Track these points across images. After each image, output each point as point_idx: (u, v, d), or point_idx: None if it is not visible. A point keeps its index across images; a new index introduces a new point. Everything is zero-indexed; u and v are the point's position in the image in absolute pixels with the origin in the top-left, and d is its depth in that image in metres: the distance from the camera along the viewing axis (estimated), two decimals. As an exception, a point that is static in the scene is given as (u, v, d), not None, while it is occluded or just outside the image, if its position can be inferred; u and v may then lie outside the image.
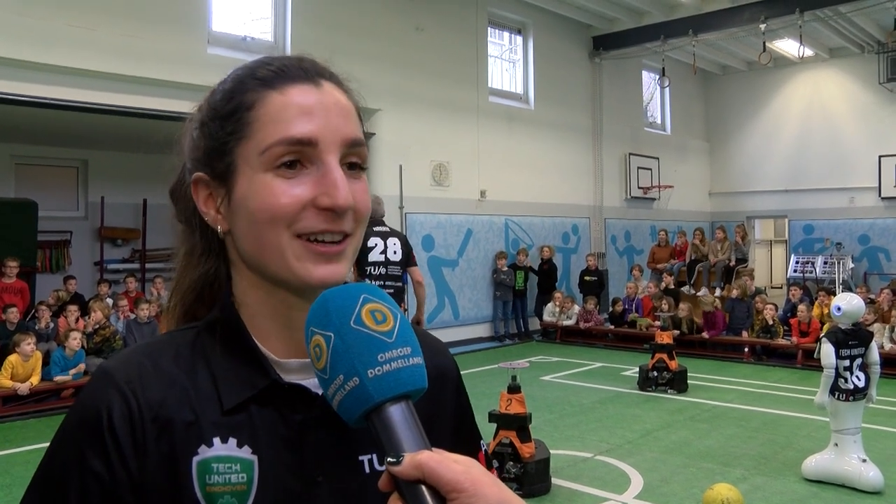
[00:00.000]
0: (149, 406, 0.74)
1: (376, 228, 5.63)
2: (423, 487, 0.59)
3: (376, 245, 5.62)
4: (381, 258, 5.64)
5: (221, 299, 0.83)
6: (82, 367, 7.68)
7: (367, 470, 0.80)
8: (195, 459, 0.74)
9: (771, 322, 10.21)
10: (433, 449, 0.61)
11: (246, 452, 0.75)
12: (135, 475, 0.73)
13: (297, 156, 0.76)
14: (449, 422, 0.89)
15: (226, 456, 0.75)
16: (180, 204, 0.87)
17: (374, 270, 5.61)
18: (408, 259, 5.90)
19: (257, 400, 0.77)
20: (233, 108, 0.78)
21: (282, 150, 0.75)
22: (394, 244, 5.74)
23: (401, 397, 0.63)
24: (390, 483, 0.61)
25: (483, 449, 0.93)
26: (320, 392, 0.77)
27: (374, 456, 0.80)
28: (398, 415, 0.63)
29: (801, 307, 10.11)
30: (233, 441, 0.75)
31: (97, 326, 8.24)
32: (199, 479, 0.73)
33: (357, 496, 0.78)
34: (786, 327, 10.32)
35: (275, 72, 0.79)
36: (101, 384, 0.75)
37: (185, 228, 0.87)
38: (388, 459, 0.61)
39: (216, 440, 0.75)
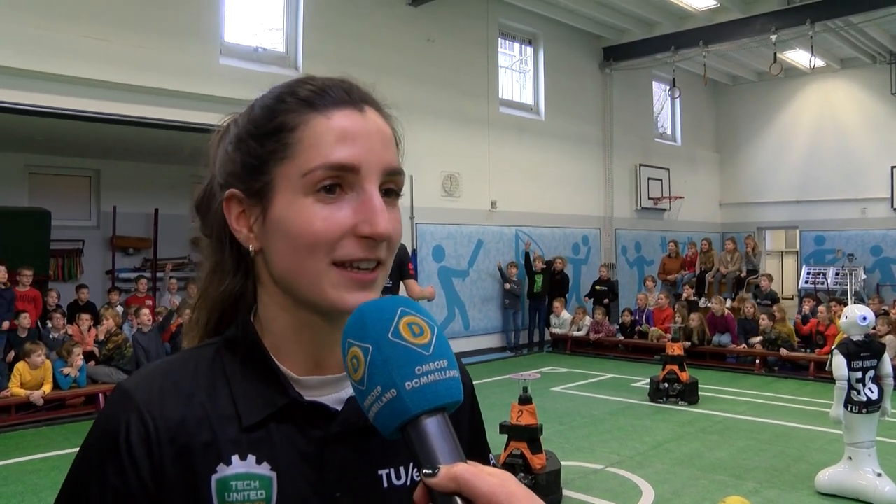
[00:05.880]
0: (166, 427, 0.74)
1: None
2: (459, 500, 0.59)
3: None
4: None
5: (243, 316, 0.83)
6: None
7: (386, 484, 0.80)
8: (214, 478, 0.74)
9: (787, 333, 10.15)
10: (469, 461, 0.61)
11: (265, 469, 0.76)
12: (153, 494, 0.73)
13: (338, 180, 0.75)
14: (465, 436, 0.89)
15: (244, 473, 0.75)
16: (207, 218, 0.85)
17: None
18: (400, 271, 5.82)
19: (276, 417, 0.78)
20: (274, 127, 0.78)
21: (323, 174, 0.75)
22: None
23: (437, 410, 0.64)
24: (426, 495, 0.61)
25: (491, 462, 0.93)
26: (339, 409, 0.79)
27: (392, 471, 0.81)
28: (434, 427, 0.63)
29: (822, 308, 10.23)
30: (252, 458, 0.76)
31: (109, 335, 8.28)
32: (218, 496, 0.74)
33: None
34: (798, 339, 10.25)
35: (317, 92, 0.78)
36: (120, 403, 0.76)
37: (211, 243, 0.85)
38: (425, 471, 0.61)
39: (235, 458, 0.75)
